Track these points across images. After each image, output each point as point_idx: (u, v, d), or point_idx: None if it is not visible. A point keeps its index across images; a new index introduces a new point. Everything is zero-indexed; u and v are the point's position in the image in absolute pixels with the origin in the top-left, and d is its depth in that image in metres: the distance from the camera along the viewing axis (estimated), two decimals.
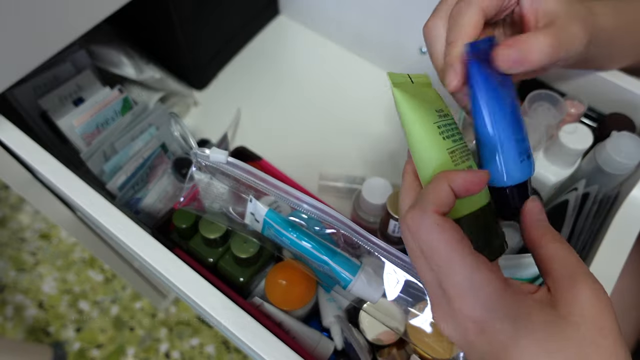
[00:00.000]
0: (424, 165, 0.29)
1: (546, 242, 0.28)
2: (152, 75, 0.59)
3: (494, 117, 0.30)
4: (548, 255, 0.27)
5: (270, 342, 0.34)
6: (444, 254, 0.25)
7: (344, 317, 0.43)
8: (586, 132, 0.45)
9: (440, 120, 0.30)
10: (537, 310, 0.25)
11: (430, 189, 0.26)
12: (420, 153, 0.29)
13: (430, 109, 0.30)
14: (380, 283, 0.38)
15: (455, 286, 0.25)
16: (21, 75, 0.43)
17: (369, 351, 0.41)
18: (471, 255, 0.25)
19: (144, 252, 0.38)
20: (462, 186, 0.26)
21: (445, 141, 0.29)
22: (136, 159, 0.49)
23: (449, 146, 0.29)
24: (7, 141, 0.43)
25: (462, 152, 0.30)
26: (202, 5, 0.60)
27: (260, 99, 0.68)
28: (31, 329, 1.10)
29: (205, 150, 0.39)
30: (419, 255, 0.27)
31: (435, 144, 0.29)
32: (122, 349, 1.07)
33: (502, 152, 0.30)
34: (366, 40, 0.68)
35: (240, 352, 1.08)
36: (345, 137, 0.64)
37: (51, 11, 0.40)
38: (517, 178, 0.31)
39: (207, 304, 0.36)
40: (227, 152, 0.39)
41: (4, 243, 1.20)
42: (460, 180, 0.26)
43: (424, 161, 0.29)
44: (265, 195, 0.40)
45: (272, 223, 0.39)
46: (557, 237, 0.28)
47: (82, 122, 0.50)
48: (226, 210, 0.41)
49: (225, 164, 0.39)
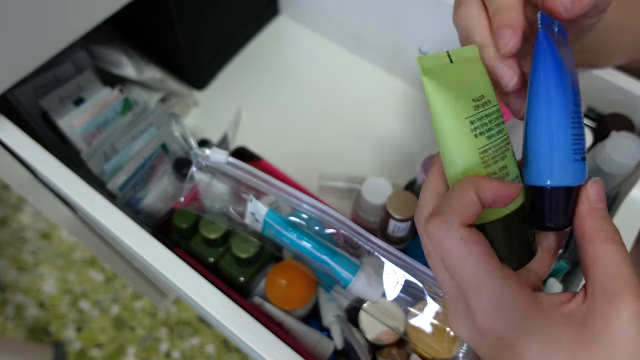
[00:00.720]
0: (451, 166, 0.26)
1: (599, 240, 0.24)
2: (152, 76, 0.59)
3: (556, 100, 0.25)
4: (596, 256, 0.24)
5: (270, 342, 0.34)
6: (469, 270, 0.23)
7: (344, 317, 0.43)
8: (585, 133, 0.45)
9: (476, 113, 0.26)
10: (566, 329, 0.23)
11: (455, 197, 0.24)
12: (447, 153, 0.26)
13: (467, 99, 0.26)
14: (380, 283, 0.38)
15: (480, 302, 0.24)
16: (22, 76, 0.43)
17: (369, 351, 0.41)
18: (498, 272, 0.23)
19: (144, 252, 0.38)
20: (489, 197, 0.24)
21: (478, 139, 0.26)
22: (136, 159, 0.49)
23: (481, 144, 0.26)
24: (8, 141, 0.43)
25: (497, 149, 0.26)
26: (202, 5, 0.60)
27: (260, 99, 0.68)
28: (32, 329, 1.10)
29: (206, 151, 0.39)
30: (439, 265, 0.25)
31: (464, 143, 0.26)
32: (123, 348, 1.07)
33: (555, 143, 0.25)
34: (366, 40, 0.68)
35: (240, 351, 1.08)
36: (345, 137, 0.64)
37: (51, 11, 0.40)
38: (565, 179, 0.25)
39: (207, 303, 0.36)
40: (227, 152, 0.39)
41: (4, 243, 1.20)
42: (488, 191, 0.24)
43: (451, 161, 0.26)
44: (265, 195, 0.40)
45: (272, 223, 0.39)
46: (613, 238, 0.24)
47: (82, 122, 0.50)
48: (226, 210, 0.41)
49: (225, 164, 0.39)
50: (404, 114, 0.66)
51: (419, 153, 0.62)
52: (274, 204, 0.50)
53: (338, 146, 0.63)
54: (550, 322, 0.23)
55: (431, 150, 0.62)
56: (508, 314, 0.23)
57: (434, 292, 0.40)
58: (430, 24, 0.58)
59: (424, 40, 0.61)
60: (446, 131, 0.26)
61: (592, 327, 0.22)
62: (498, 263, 0.24)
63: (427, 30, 0.60)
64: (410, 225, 0.45)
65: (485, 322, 0.24)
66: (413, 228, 0.46)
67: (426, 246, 0.26)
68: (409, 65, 0.66)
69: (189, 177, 0.41)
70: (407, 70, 0.67)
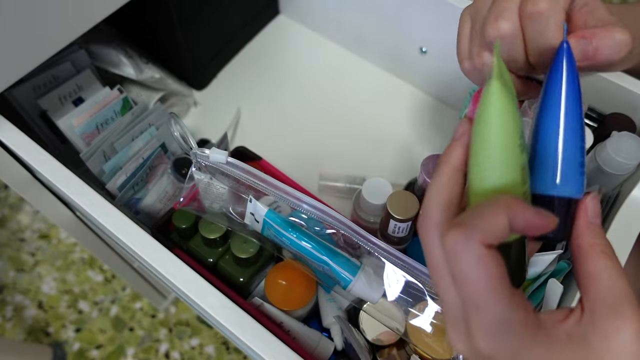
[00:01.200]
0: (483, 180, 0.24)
1: (595, 254, 0.24)
2: (151, 75, 0.59)
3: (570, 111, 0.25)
4: (592, 272, 0.24)
5: (270, 342, 0.34)
6: (480, 290, 0.22)
7: (344, 317, 0.43)
8: (586, 132, 0.45)
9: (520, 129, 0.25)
10: (569, 350, 0.23)
11: (485, 215, 0.22)
12: (487, 166, 0.24)
13: (518, 114, 0.25)
14: (380, 283, 0.38)
15: (482, 324, 0.23)
16: (21, 75, 0.42)
17: (369, 351, 0.41)
18: (510, 296, 0.22)
19: (143, 252, 0.38)
20: (521, 225, 0.22)
21: (522, 155, 0.24)
22: (136, 159, 0.49)
23: (523, 161, 0.24)
24: (7, 141, 0.43)
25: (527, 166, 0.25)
26: (202, 5, 0.60)
27: (260, 99, 0.68)
28: (31, 329, 1.09)
29: (205, 151, 0.39)
30: (446, 277, 0.24)
31: (511, 159, 0.24)
32: (122, 349, 1.07)
33: (565, 153, 0.25)
34: (366, 40, 0.68)
35: (240, 352, 1.08)
36: (345, 137, 0.64)
37: (51, 11, 0.40)
38: (570, 191, 0.25)
39: (206, 303, 0.36)
40: (227, 153, 0.39)
41: (3, 243, 1.20)
42: (521, 219, 0.22)
43: (487, 176, 0.24)
44: (265, 196, 0.40)
45: (272, 223, 0.39)
46: (608, 253, 0.24)
47: (81, 122, 0.50)
48: (226, 211, 0.41)
49: (225, 164, 0.39)
50: (404, 113, 0.66)
51: (419, 152, 0.62)
52: (274, 204, 0.49)
53: (338, 146, 0.63)
54: (551, 343, 0.23)
55: (430, 149, 0.62)
56: (511, 340, 0.22)
57: (434, 292, 0.40)
58: (430, 24, 0.58)
59: (424, 40, 0.61)
60: (497, 143, 0.24)
61: (594, 344, 0.22)
62: (510, 288, 0.23)
63: (427, 30, 0.59)
64: (411, 225, 0.45)
65: (484, 346, 0.23)
66: (413, 228, 0.46)
67: (433, 254, 0.25)
68: (409, 65, 0.66)
69: (188, 177, 0.41)
70: (407, 70, 0.67)
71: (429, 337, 0.39)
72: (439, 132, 0.64)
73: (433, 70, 0.64)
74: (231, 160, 0.39)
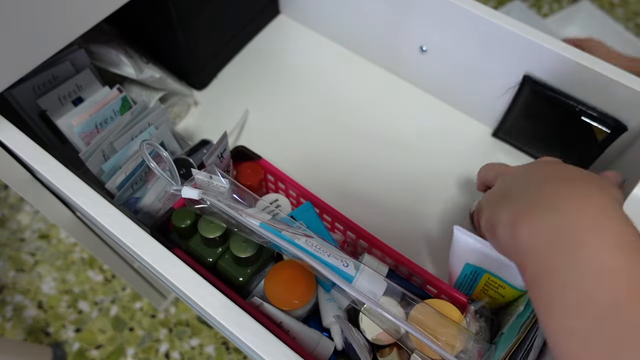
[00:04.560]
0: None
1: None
2: (151, 75, 0.59)
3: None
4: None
5: (270, 342, 0.34)
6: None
7: (344, 317, 0.42)
8: None
9: None
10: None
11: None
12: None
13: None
14: (380, 282, 0.38)
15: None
16: (20, 75, 0.42)
17: (369, 351, 0.41)
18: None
19: (143, 252, 0.38)
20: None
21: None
22: (135, 159, 0.49)
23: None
24: (6, 141, 0.43)
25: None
26: (202, 5, 0.60)
27: (260, 99, 0.68)
28: (30, 330, 1.09)
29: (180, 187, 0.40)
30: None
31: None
32: (122, 349, 1.07)
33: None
34: (366, 40, 0.68)
35: (240, 352, 1.08)
36: (344, 136, 0.64)
37: (51, 11, 0.40)
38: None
39: (206, 303, 0.36)
40: (199, 191, 0.39)
41: (3, 243, 1.20)
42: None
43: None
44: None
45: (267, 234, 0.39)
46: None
47: (81, 122, 0.49)
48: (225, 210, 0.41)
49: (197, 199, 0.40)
50: (404, 113, 0.66)
51: (418, 151, 0.62)
52: (274, 204, 0.49)
53: (338, 146, 0.63)
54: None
55: (430, 148, 0.62)
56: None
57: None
58: (430, 24, 0.58)
59: (424, 40, 0.61)
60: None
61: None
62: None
63: (427, 30, 0.59)
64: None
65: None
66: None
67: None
68: (409, 64, 0.66)
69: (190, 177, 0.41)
70: (407, 70, 0.67)
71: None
72: (439, 132, 0.64)
73: (430, 71, 0.64)
74: (206, 197, 0.39)
